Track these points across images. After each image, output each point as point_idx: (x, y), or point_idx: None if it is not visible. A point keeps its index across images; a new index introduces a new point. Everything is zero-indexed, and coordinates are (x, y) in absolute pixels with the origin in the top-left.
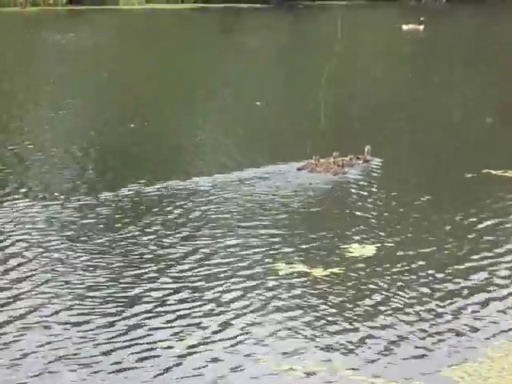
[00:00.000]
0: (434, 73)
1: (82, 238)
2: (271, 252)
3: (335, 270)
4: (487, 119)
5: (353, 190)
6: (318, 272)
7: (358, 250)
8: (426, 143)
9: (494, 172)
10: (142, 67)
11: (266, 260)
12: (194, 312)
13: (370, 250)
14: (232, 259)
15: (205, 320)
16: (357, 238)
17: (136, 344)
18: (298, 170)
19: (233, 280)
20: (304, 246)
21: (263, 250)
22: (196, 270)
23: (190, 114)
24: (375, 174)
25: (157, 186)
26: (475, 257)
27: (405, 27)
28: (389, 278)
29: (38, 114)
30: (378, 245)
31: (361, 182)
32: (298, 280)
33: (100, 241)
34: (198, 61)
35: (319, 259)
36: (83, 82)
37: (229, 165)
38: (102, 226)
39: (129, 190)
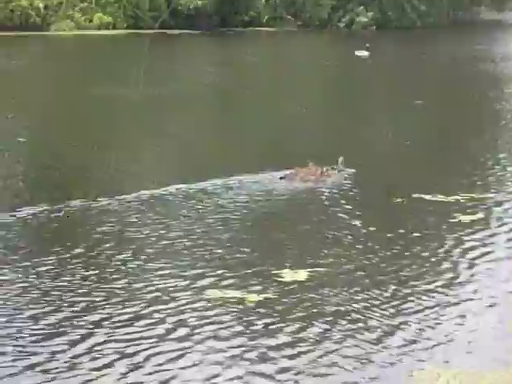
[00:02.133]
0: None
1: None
2: (204, 276)
3: (268, 295)
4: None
5: (312, 206)
6: (252, 298)
7: (289, 275)
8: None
9: (425, 196)
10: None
11: (199, 285)
12: (116, 339)
13: (302, 275)
14: (163, 282)
15: (128, 349)
16: (290, 262)
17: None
18: (280, 178)
19: (161, 306)
20: (239, 271)
21: (197, 274)
22: (122, 296)
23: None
24: (344, 187)
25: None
26: (410, 280)
27: (357, 53)
28: (321, 302)
29: None
30: (310, 269)
31: (325, 196)
32: (231, 306)
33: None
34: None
35: (252, 284)
36: None
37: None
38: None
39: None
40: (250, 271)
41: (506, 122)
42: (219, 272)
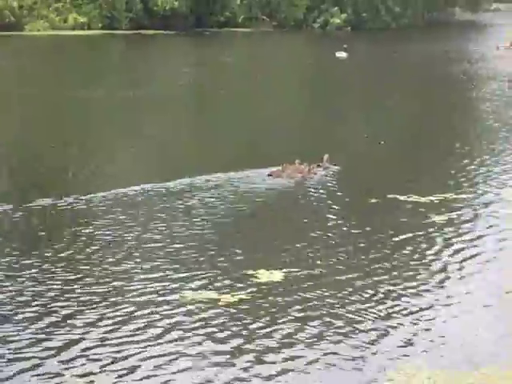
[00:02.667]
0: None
1: None
2: (179, 277)
3: (243, 296)
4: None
5: (294, 203)
6: (226, 299)
7: (265, 276)
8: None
9: (399, 197)
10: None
11: (173, 286)
12: (87, 340)
13: (277, 275)
14: (137, 284)
15: (104, 350)
16: (266, 262)
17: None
18: (268, 175)
19: (135, 307)
20: (214, 271)
21: (171, 274)
22: (96, 296)
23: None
24: (327, 185)
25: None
26: (384, 281)
27: (337, 54)
28: (294, 304)
29: None
30: (285, 270)
31: (308, 194)
32: (206, 307)
33: None
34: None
35: (227, 285)
36: None
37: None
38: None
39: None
40: (224, 272)
41: (480, 122)
42: (194, 273)
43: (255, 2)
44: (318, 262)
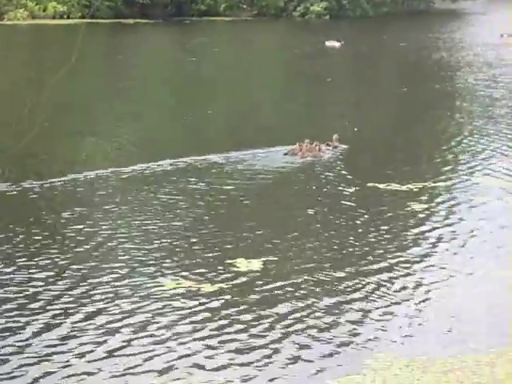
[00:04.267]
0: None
1: None
2: (160, 265)
3: (223, 285)
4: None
5: (288, 187)
6: (206, 288)
7: (244, 265)
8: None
9: (379, 185)
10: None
11: (154, 274)
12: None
13: (256, 264)
14: (118, 273)
15: (81, 340)
16: (244, 252)
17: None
18: (285, 154)
19: (114, 296)
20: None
21: (151, 263)
22: (78, 286)
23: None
24: (336, 162)
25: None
26: (362, 270)
27: (327, 43)
28: (273, 293)
29: None
30: (264, 259)
31: (317, 170)
32: (186, 297)
33: None
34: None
35: (206, 275)
36: None
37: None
38: None
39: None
40: (205, 261)
41: (460, 111)
42: (174, 262)
43: None
44: (298, 251)
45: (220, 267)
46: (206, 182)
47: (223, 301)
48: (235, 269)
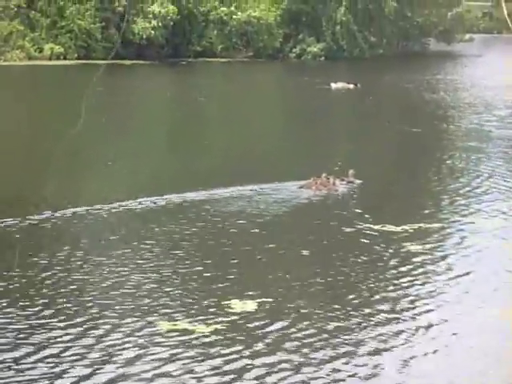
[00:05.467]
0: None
1: None
2: (155, 307)
3: (218, 326)
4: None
5: (293, 224)
6: (201, 329)
7: (239, 306)
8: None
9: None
10: None
11: (149, 315)
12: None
13: (250, 305)
14: (112, 313)
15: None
16: (239, 293)
17: None
18: (300, 188)
19: (110, 338)
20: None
21: (148, 304)
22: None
23: None
24: (347, 199)
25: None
26: (354, 313)
27: (333, 85)
28: (267, 334)
29: None
30: (259, 300)
31: (325, 207)
32: (181, 338)
33: None
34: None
35: (202, 315)
36: None
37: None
38: None
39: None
40: (200, 301)
41: (454, 151)
42: (170, 303)
43: (233, 31)
44: (292, 292)
45: (215, 308)
46: (201, 219)
47: (218, 341)
48: (230, 310)
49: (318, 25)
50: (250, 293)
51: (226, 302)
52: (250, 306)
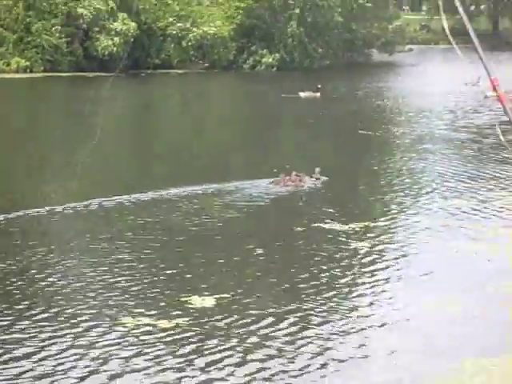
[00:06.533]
0: None
1: None
2: (118, 302)
3: (179, 321)
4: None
5: (256, 222)
6: (164, 324)
7: (198, 302)
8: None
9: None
10: None
11: (112, 311)
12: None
13: (209, 301)
14: (75, 308)
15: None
16: (198, 289)
17: None
18: (270, 183)
19: (75, 334)
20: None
21: (111, 299)
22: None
23: None
24: (316, 191)
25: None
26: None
27: (302, 94)
28: (226, 329)
29: None
30: (217, 296)
31: (291, 202)
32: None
33: None
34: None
35: (163, 311)
36: None
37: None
38: None
39: None
40: (162, 298)
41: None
42: (131, 300)
43: (189, 45)
44: (249, 287)
45: (177, 304)
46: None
47: (179, 336)
48: (190, 306)
49: (270, 38)
50: (209, 289)
51: (186, 299)
52: (209, 301)
